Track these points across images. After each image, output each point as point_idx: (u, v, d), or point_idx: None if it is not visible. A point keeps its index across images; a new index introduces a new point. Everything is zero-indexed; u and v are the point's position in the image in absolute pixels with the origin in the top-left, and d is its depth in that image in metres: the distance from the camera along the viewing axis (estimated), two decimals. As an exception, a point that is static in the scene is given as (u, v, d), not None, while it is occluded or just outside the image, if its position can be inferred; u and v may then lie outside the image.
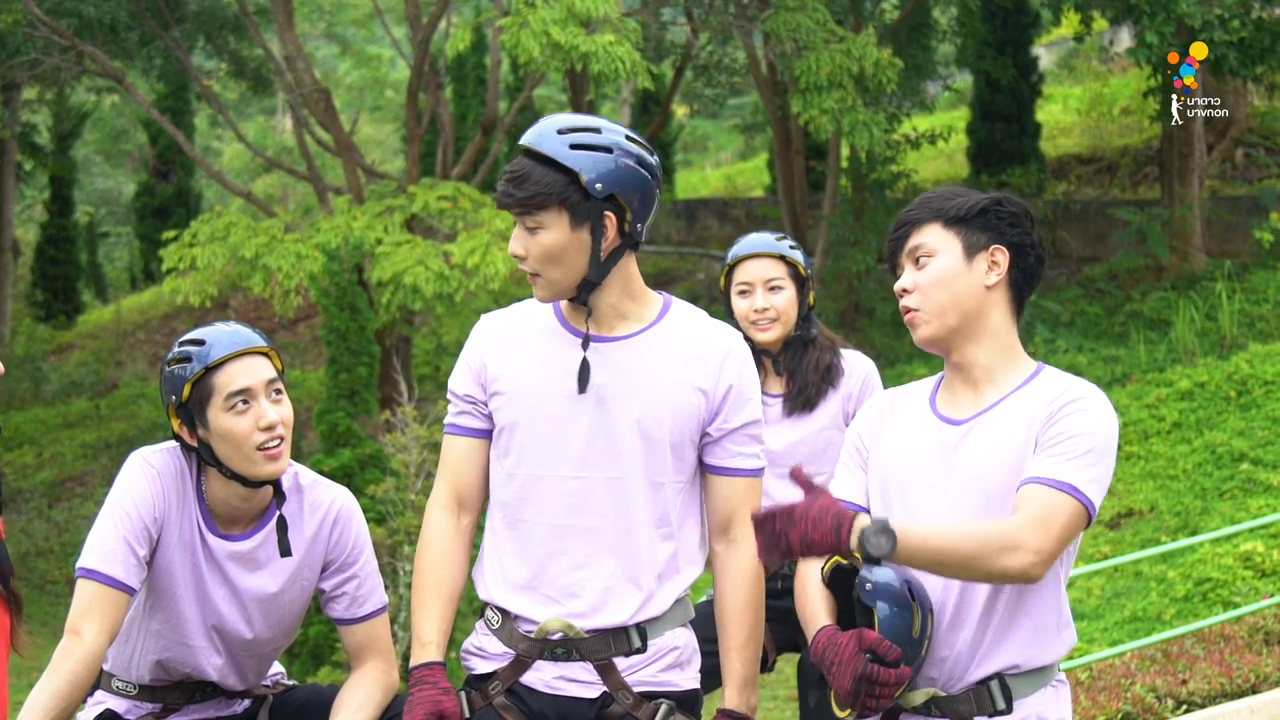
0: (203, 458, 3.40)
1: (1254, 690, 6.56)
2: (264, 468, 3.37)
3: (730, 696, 3.19)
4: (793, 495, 4.41)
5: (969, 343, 3.07)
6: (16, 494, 20.97)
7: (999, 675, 3.00)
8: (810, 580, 3.11)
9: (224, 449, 3.36)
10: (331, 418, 12.99)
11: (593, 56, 13.95)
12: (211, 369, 3.33)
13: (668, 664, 3.17)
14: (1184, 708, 6.40)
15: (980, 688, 3.00)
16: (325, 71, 37.02)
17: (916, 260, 3.08)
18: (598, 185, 3.03)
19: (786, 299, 4.45)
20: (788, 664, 5.10)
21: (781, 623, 4.41)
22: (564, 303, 3.20)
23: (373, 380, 13.74)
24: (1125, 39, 22.67)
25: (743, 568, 3.21)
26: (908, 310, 3.09)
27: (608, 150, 3.06)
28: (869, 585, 2.93)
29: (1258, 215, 17.69)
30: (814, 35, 15.28)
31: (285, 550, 3.45)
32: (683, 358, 3.14)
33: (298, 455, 3.75)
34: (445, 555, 3.24)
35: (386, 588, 11.53)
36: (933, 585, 3.03)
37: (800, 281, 4.47)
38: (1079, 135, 24.91)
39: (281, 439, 3.38)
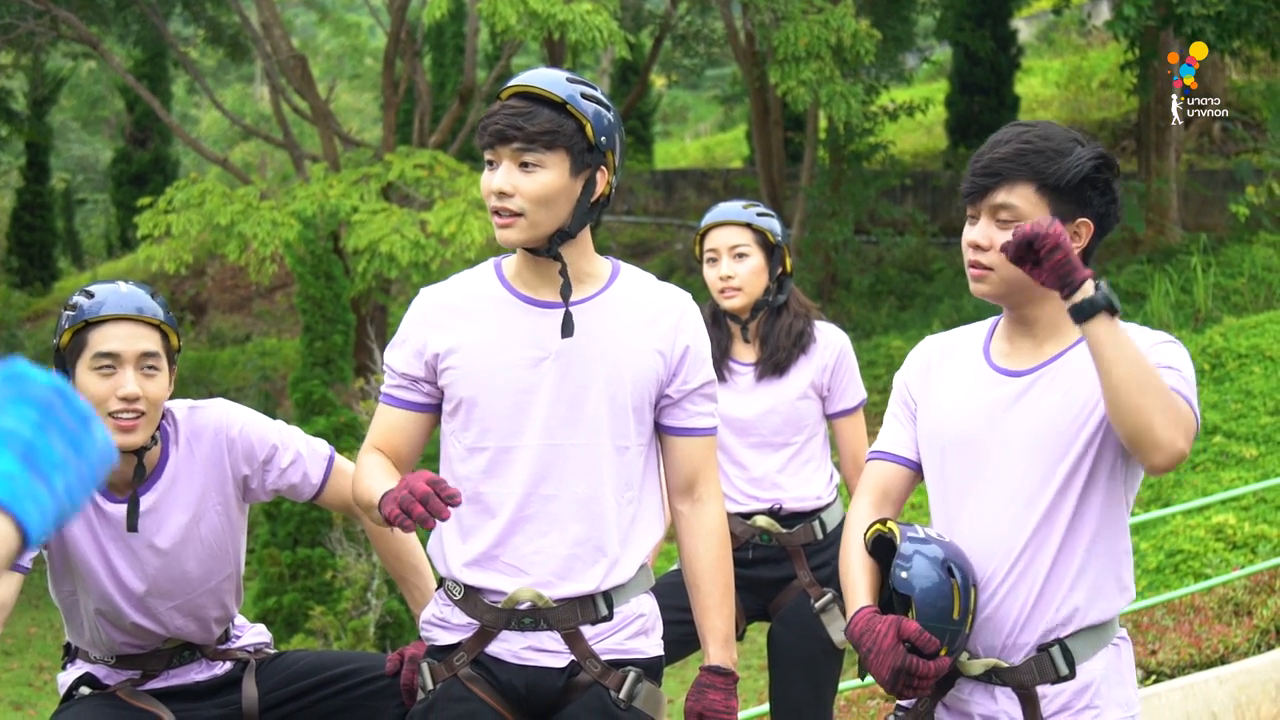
0: None
1: (1223, 661, 6.61)
2: (113, 437, 3.33)
3: (714, 653, 3.18)
4: (765, 462, 4.44)
5: (1035, 300, 2.96)
6: (-10, 462, 20.87)
7: (1059, 641, 2.90)
8: (853, 551, 3.02)
9: None
10: (306, 385, 12.96)
11: (570, 25, 13.92)
12: (91, 324, 3.29)
13: (634, 631, 3.16)
14: (1153, 678, 6.44)
15: (1041, 655, 2.90)
16: (303, 39, 36.87)
17: (1000, 219, 2.90)
18: (602, 138, 3.02)
19: (752, 266, 4.45)
20: (759, 632, 5.11)
21: (751, 591, 4.42)
22: (511, 269, 3.16)
23: (348, 348, 13.71)
24: (1104, 12, 22.71)
25: (711, 526, 3.21)
26: (977, 265, 2.93)
27: (606, 107, 3.06)
28: (904, 573, 2.85)
29: (1234, 189, 17.75)
30: (792, 6, 15.25)
31: (132, 525, 3.38)
32: (639, 319, 3.12)
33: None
34: (380, 459, 3.13)
35: (359, 556, 11.48)
36: (989, 552, 2.93)
37: (769, 249, 4.48)
38: (1057, 108, 24.91)
39: (141, 414, 3.31)
